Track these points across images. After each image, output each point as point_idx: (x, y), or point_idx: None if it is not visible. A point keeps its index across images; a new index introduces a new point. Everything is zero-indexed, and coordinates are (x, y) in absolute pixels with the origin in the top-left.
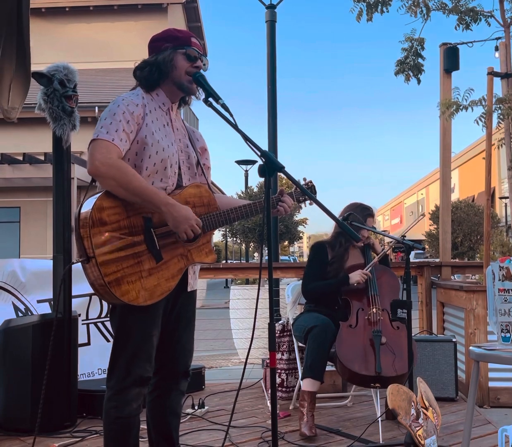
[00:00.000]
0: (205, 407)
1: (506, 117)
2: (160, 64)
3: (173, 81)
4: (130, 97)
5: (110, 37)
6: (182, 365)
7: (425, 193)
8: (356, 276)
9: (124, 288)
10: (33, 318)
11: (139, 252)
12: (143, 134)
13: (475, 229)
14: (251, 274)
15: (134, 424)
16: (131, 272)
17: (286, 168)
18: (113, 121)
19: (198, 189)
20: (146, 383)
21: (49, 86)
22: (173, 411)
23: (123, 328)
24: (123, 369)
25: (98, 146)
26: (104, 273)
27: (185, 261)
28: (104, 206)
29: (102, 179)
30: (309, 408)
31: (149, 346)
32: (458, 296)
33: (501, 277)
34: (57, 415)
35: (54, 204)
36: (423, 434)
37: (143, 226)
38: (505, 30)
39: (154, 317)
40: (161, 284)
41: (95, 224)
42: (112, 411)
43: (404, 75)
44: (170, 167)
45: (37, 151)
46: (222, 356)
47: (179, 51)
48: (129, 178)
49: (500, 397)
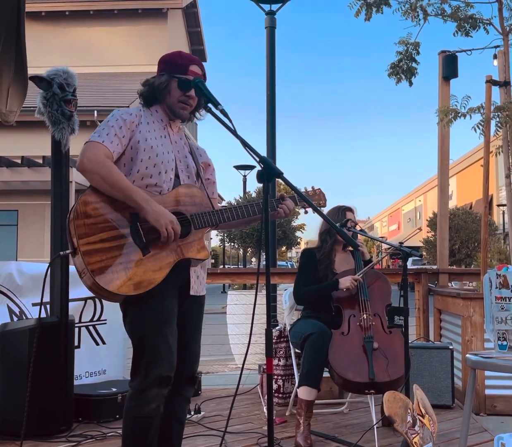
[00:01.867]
0: (201, 413)
1: (504, 125)
2: (155, 87)
3: (166, 105)
4: (126, 109)
5: (110, 41)
6: (187, 371)
7: (423, 200)
8: (346, 281)
9: (108, 277)
10: (30, 321)
11: (125, 244)
12: (136, 140)
13: (473, 236)
14: (249, 279)
15: (153, 424)
16: (116, 262)
17: (284, 175)
18: (105, 127)
19: (189, 189)
20: (166, 382)
21: (49, 90)
22: (176, 417)
23: (136, 329)
24: (142, 370)
25: (88, 147)
26: (87, 262)
27: (175, 255)
28: (89, 200)
29: (88, 174)
30: (305, 416)
31: (165, 344)
32: (455, 303)
33: (498, 285)
34: (53, 419)
35: (52, 208)
36: (419, 442)
37: (130, 220)
38: (504, 38)
39: (165, 316)
40: (147, 275)
41: (79, 216)
42: (131, 410)
43: (395, 78)
44: (165, 173)
45: (35, 154)
46: (219, 362)
47: (174, 79)
48: (113, 174)
49: (496, 405)
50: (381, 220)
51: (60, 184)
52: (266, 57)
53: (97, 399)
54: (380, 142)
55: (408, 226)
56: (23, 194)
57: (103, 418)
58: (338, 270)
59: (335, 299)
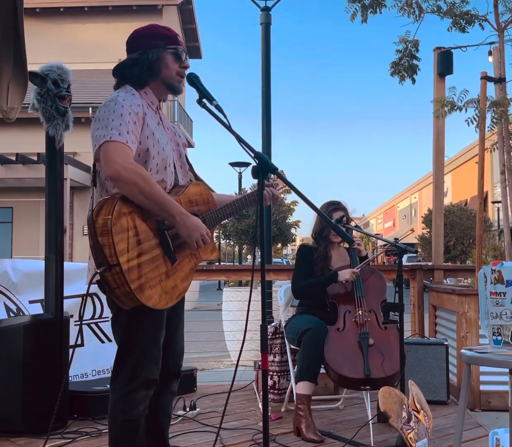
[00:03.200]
0: (196, 409)
1: (499, 121)
2: (152, 62)
3: (162, 80)
4: (129, 97)
5: (104, 38)
6: (174, 365)
7: (418, 197)
8: (346, 274)
9: (147, 293)
10: (25, 318)
11: (157, 256)
12: (145, 135)
13: (468, 232)
14: (244, 276)
15: (141, 425)
16: (152, 276)
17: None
18: (122, 122)
19: (198, 187)
20: (153, 385)
21: (43, 86)
22: (164, 412)
23: (130, 332)
24: (130, 372)
25: (115, 149)
26: (129, 280)
27: (195, 259)
28: (123, 212)
29: (124, 184)
30: (308, 411)
31: (156, 348)
32: (450, 299)
33: (493, 280)
34: (48, 416)
35: (46, 205)
36: (415, 437)
37: (157, 229)
38: (499, 35)
39: (161, 319)
40: (177, 286)
41: (117, 231)
42: (119, 414)
43: (398, 77)
44: (169, 167)
45: (30, 151)
46: (214, 358)
47: (168, 50)
48: (151, 186)
49: (491, 401)
50: (377, 217)
51: (54, 181)
52: (262, 53)
53: (92, 396)
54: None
55: (403, 222)
56: (18, 192)
57: (98, 415)
58: (335, 267)
59: (330, 295)
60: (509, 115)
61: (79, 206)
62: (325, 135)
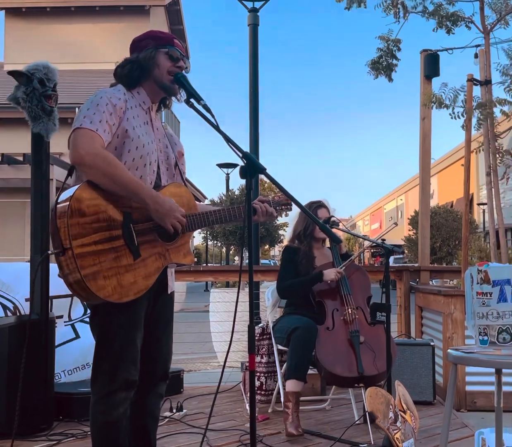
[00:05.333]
0: (183, 410)
1: (485, 122)
2: (141, 61)
3: (154, 80)
4: (112, 91)
5: (91, 38)
6: (161, 367)
7: (404, 199)
8: (331, 273)
9: (100, 282)
10: (10, 319)
11: (117, 247)
12: (124, 129)
13: (454, 234)
14: (232, 276)
15: (122, 427)
16: (108, 266)
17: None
18: (96, 112)
19: (179, 188)
20: (132, 386)
21: (29, 85)
22: (151, 414)
23: (106, 332)
24: (108, 373)
25: (82, 135)
26: (80, 265)
27: (163, 260)
28: (84, 197)
29: (87, 169)
30: (294, 408)
31: (134, 348)
32: (437, 300)
33: (479, 280)
34: (33, 417)
35: (32, 204)
36: (401, 437)
37: (122, 221)
38: (485, 37)
39: (137, 320)
40: (138, 282)
41: (74, 214)
42: (99, 416)
43: (373, 74)
44: (149, 165)
45: (16, 152)
46: (201, 359)
47: (161, 50)
48: (115, 169)
49: (476, 401)
50: (363, 219)
51: (40, 181)
52: (249, 54)
53: (78, 398)
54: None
55: (389, 224)
56: (3, 192)
57: (84, 417)
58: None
59: (316, 294)
60: (494, 117)
61: None
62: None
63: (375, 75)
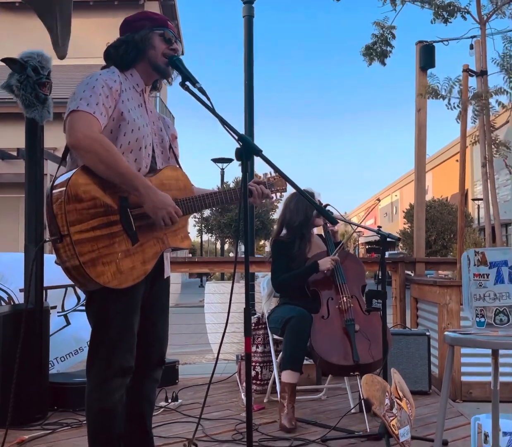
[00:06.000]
0: (178, 400)
1: (481, 113)
2: (138, 42)
3: (149, 62)
4: (107, 73)
5: (86, 33)
6: (157, 352)
7: (399, 195)
8: (326, 263)
9: (99, 269)
10: (4, 308)
11: (115, 232)
12: (120, 111)
13: (449, 227)
14: (227, 268)
15: (118, 413)
16: (107, 252)
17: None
18: (93, 94)
19: (175, 172)
20: (128, 373)
21: (22, 72)
22: (147, 399)
23: (103, 318)
24: (104, 360)
25: (80, 118)
26: (79, 252)
27: (161, 244)
28: (80, 182)
29: (84, 153)
30: (289, 399)
31: (130, 335)
32: (432, 291)
33: (476, 262)
34: (27, 407)
35: (26, 190)
36: (397, 424)
37: (119, 206)
38: (481, 27)
39: (134, 305)
40: (136, 267)
41: (70, 200)
42: (95, 403)
43: (367, 60)
44: (145, 148)
45: (9, 146)
46: (196, 352)
47: (156, 31)
48: (112, 155)
49: (472, 391)
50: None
51: (34, 166)
52: (244, 47)
53: (73, 387)
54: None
55: (384, 220)
56: None
57: (78, 407)
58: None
59: (310, 283)
60: (490, 107)
61: None
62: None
63: (369, 61)
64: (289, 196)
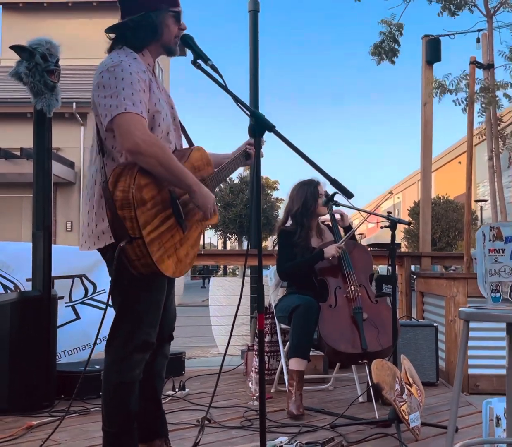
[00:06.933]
0: (185, 390)
1: (489, 106)
2: (156, 26)
3: (162, 43)
4: (134, 63)
5: (88, 33)
6: (167, 328)
7: (401, 198)
8: (331, 249)
9: (167, 263)
10: (11, 295)
11: (171, 225)
12: (153, 102)
13: (453, 225)
14: (234, 260)
15: (135, 388)
16: (169, 246)
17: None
18: (133, 91)
19: (199, 152)
20: (149, 348)
21: (31, 60)
22: (159, 374)
23: (132, 295)
24: (128, 334)
25: (131, 121)
26: (152, 252)
27: (200, 225)
28: (142, 184)
29: (143, 157)
30: (297, 387)
31: (157, 311)
32: (439, 284)
33: (491, 237)
34: (35, 394)
35: (34, 177)
36: (407, 410)
37: (170, 199)
38: (488, 21)
39: (163, 284)
40: (189, 253)
41: (138, 204)
42: (114, 376)
43: (376, 59)
44: (171, 132)
45: (13, 146)
46: (201, 348)
47: (170, 13)
48: (169, 158)
49: (479, 384)
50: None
51: (42, 153)
52: (250, 42)
53: (80, 376)
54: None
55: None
56: None
57: (86, 395)
58: (318, 246)
59: (318, 272)
60: (497, 100)
61: (62, 202)
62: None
63: (378, 60)
64: (293, 186)
